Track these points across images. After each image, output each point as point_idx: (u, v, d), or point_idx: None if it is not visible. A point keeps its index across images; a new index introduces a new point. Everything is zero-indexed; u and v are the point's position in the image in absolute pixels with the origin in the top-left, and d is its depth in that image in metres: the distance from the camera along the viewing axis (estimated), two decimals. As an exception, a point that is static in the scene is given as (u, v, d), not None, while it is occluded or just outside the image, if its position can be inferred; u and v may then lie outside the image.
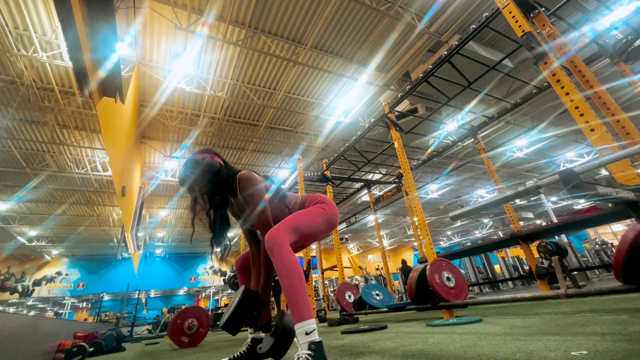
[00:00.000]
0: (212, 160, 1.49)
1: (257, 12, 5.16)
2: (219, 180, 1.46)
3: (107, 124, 3.33)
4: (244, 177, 1.44)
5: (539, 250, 2.80)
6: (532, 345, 1.19)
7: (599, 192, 1.43)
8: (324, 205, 1.52)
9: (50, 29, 4.98)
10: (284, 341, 1.21)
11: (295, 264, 1.22)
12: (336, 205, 7.15)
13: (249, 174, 1.45)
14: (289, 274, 1.19)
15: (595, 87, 2.38)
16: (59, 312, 19.93)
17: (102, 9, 2.14)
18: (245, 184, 1.43)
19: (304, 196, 1.62)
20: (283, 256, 1.22)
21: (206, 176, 1.45)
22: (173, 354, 2.80)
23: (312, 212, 1.47)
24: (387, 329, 2.58)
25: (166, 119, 7.18)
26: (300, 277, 1.20)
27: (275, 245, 1.23)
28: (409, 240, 23.10)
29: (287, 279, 1.19)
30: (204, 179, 1.45)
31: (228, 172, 1.51)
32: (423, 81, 4.01)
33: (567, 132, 9.80)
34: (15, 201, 10.16)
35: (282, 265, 1.20)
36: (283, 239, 1.25)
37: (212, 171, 1.46)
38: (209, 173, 1.45)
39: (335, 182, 6.43)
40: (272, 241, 1.24)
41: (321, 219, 1.47)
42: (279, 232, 1.27)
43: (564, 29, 5.64)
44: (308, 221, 1.42)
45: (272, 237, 1.25)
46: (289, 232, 1.30)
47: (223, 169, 1.50)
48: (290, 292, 1.17)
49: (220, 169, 1.49)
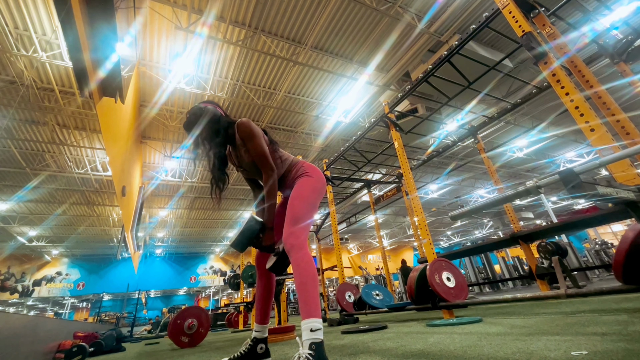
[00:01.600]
0: (214, 109, 1.63)
1: (257, 12, 5.16)
2: (219, 126, 1.60)
3: (107, 124, 3.33)
4: (242, 122, 1.56)
5: (539, 250, 2.80)
6: (532, 345, 1.19)
7: (599, 192, 1.43)
8: (313, 179, 1.57)
9: (50, 29, 4.98)
10: (284, 260, 1.40)
11: (310, 263, 1.31)
12: (336, 205, 7.15)
13: (247, 120, 1.57)
14: (304, 272, 1.28)
15: (595, 87, 2.37)
16: (59, 312, 19.95)
17: (102, 9, 2.14)
18: (243, 127, 1.54)
19: (293, 159, 1.69)
20: (301, 257, 1.31)
21: (208, 122, 1.58)
22: (173, 354, 2.80)
23: (306, 192, 1.52)
24: (387, 329, 2.58)
25: (166, 119, 7.18)
26: (313, 276, 1.28)
27: (293, 248, 1.33)
28: (409, 240, 23.09)
29: (301, 277, 1.27)
30: (206, 125, 1.58)
31: (227, 120, 1.64)
32: (423, 81, 4.01)
33: (567, 132, 9.80)
34: (15, 201, 10.15)
35: (300, 267, 1.29)
36: (301, 241, 1.36)
37: (213, 118, 1.60)
38: (210, 119, 1.59)
39: (335, 182, 6.42)
40: (289, 244, 1.34)
41: (314, 194, 1.54)
42: (294, 235, 1.36)
43: (564, 29, 5.64)
44: (307, 204, 1.49)
45: (290, 241, 1.34)
46: (300, 228, 1.39)
47: (223, 117, 1.64)
48: (302, 289, 1.25)
49: (221, 117, 1.63)
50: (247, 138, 1.53)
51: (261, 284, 1.64)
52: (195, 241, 17.65)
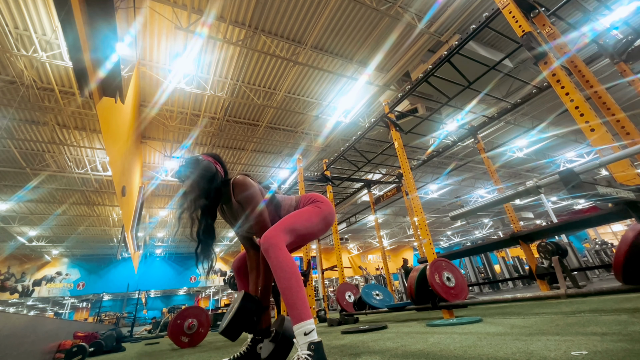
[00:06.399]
0: (210, 163, 1.49)
1: (257, 12, 5.16)
2: (211, 186, 1.45)
3: (107, 124, 3.33)
4: (239, 181, 1.44)
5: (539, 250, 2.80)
6: (532, 345, 1.19)
7: (599, 192, 1.43)
8: (320, 204, 1.52)
9: (50, 29, 4.98)
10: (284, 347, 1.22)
11: (291, 264, 1.22)
12: (336, 205, 7.15)
13: (244, 178, 1.45)
14: (286, 275, 1.19)
15: (595, 87, 2.37)
16: (59, 312, 19.94)
17: (102, 9, 2.14)
18: (240, 188, 1.43)
19: (298, 197, 1.62)
20: (279, 257, 1.21)
21: (199, 178, 1.44)
22: (173, 354, 2.80)
23: (308, 212, 1.47)
24: (387, 329, 2.58)
25: (166, 119, 7.17)
26: (297, 278, 1.20)
27: (271, 247, 1.23)
28: (409, 240, 23.09)
29: (284, 280, 1.19)
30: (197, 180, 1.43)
31: (223, 179, 1.52)
32: (423, 81, 4.01)
33: (567, 132, 9.80)
34: (15, 201, 10.15)
35: (279, 267, 1.20)
36: (279, 240, 1.25)
37: (207, 175, 1.45)
38: (203, 176, 1.44)
39: (335, 182, 6.42)
40: (267, 243, 1.24)
41: (317, 218, 1.47)
42: (274, 234, 1.27)
43: (564, 29, 5.64)
44: (304, 221, 1.42)
45: (268, 239, 1.25)
46: (284, 233, 1.30)
47: (219, 176, 1.50)
48: (288, 293, 1.17)
49: (216, 174, 1.49)
50: (245, 201, 1.42)
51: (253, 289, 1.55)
52: (194, 240, 17.61)
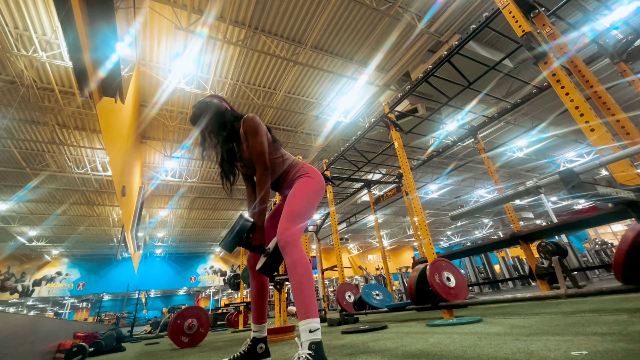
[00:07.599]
0: (219, 102, 1.65)
1: (257, 12, 5.16)
2: (225, 120, 1.62)
3: (107, 124, 3.33)
4: (249, 117, 1.56)
5: (539, 250, 2.80)
6: (532, 345, 1.19)
7: (599, 192, 1.43)
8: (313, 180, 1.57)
9: (50, 29, 4.98)
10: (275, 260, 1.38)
11: (305, 262, 1.28)
12: (336, 205, 7.15)
13: (253, 116, 1.57)
14: (298, 271, 1.25)
15: (595, 87, 2.37)
16: (59, 312, 19.94)
17: (102, 9, 2.14)
18: (250, 124, 1.54)
19: (294, 160, 1.69)
20: (295, 255, 1.28)
21: (214, 116, 1.60)
22: (173, 354, 2.80)
23: (306, 192, 1.51)
24: (387, 329, 2.58)
25: (166, 119, 7.18)
26: (309, 275, 1.26)
27: (288, 245, 1.30)
28: (409, 240, 23.09)
29: (296, 276, 1.25)
30: (212, 118, 1.60)
31: (233, 114, 1.66)
32: (423, 81, 4.01)
33: (567, 132, 9.80)
34: (15, 201, 10.15)
35: (293, 264, 1.27)
36: (296, 238, 1.33)
37: (218, 112, 1.62)
38: (216, 113, 1.61)
39: (335, 182, 6.42)
40: (284, 240, 1.31)
41: (314, 194, 1.53)
42: (290, 232, 1.33)
43: (564, 29, 5.64)
44: (306, 204, 1.47)
45: (285, 237, 1.31)
46: (295, 224, 1.36)
47: (229, 112, 1.66)
48: (298, 289, 1.22)
49: (226, 111, 1.65)
50: (251, 133, 1.53)
51: (254, 285, 1.64)
52: (195, 241, 17.64)
